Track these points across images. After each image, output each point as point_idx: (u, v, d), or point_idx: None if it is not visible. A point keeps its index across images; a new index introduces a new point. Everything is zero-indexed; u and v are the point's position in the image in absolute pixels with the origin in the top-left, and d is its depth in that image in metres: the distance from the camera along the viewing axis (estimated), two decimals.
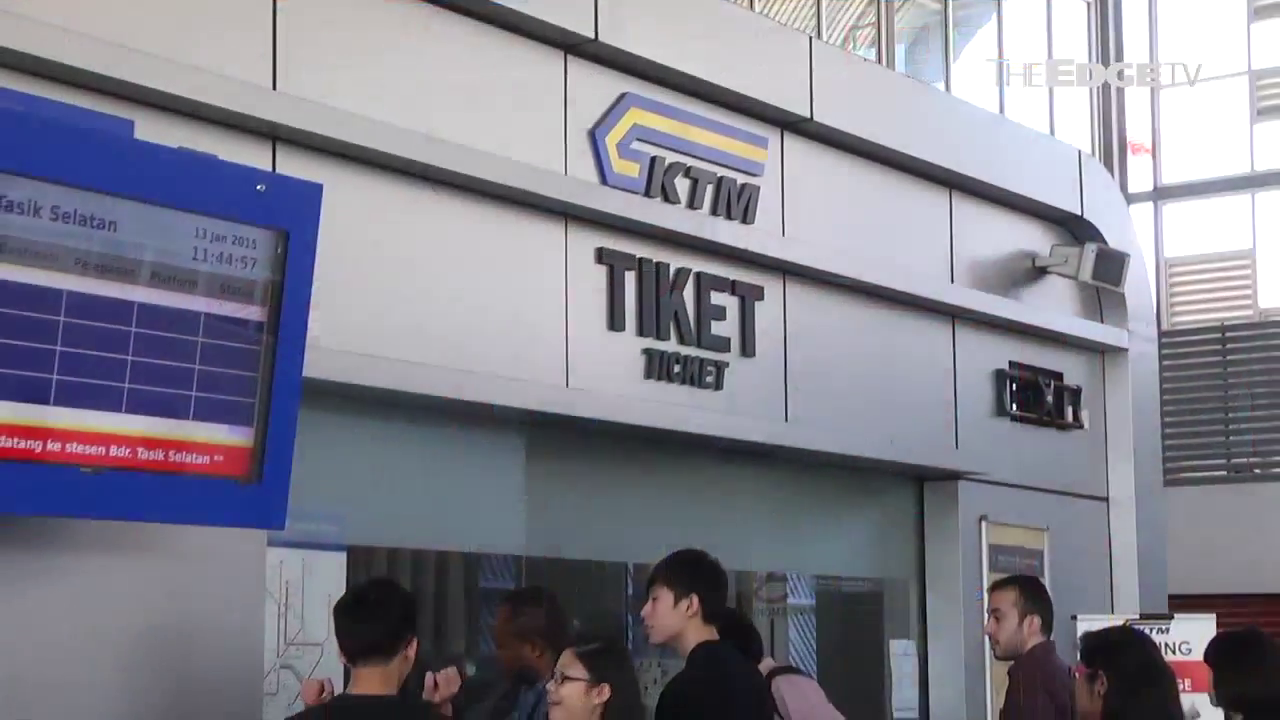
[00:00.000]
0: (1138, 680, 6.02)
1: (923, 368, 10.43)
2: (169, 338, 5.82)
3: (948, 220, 10.69)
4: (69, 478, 5.59)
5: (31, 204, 5.41)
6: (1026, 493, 11.02)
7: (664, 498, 9.19)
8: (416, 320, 7.44)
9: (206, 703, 6.34)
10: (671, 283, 8.71)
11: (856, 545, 10.47)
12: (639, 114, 8.56)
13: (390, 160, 7.26)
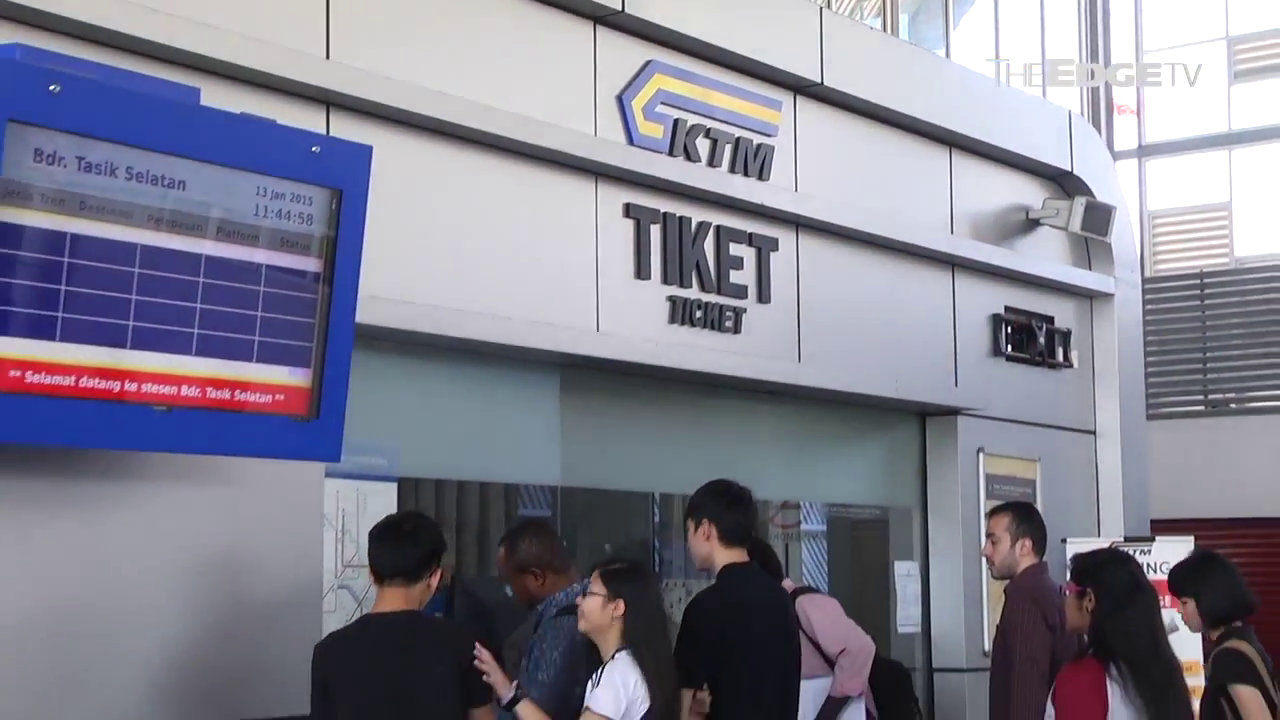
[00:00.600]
0: (1123, 597, 6.03)
1: (924, 312, 10.44)
2: (234, 287, 5.86)
3: (948, 176, 10.68)
4: (144, 415, 5.63)
5: (108, 165, 5.45)
6: (1020, 426, 11.05)
7: (686, 433, 9.23)
8: (459, 270, 7.46)
9: (272, 621, 6.40)
10: (693, 235, 8.72)
11: (864, 476, 10.51)
12: (663, 80, 8.56)
13: (434, 123, 7.27)
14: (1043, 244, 11.43)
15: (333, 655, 5.61)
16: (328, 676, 5.55)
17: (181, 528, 6.21)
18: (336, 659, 5.59)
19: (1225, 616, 7.12)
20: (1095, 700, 5.90)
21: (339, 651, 5.62)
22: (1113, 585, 6.08)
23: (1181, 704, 6.15)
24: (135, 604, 6.06)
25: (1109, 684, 5.94)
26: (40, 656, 5.78)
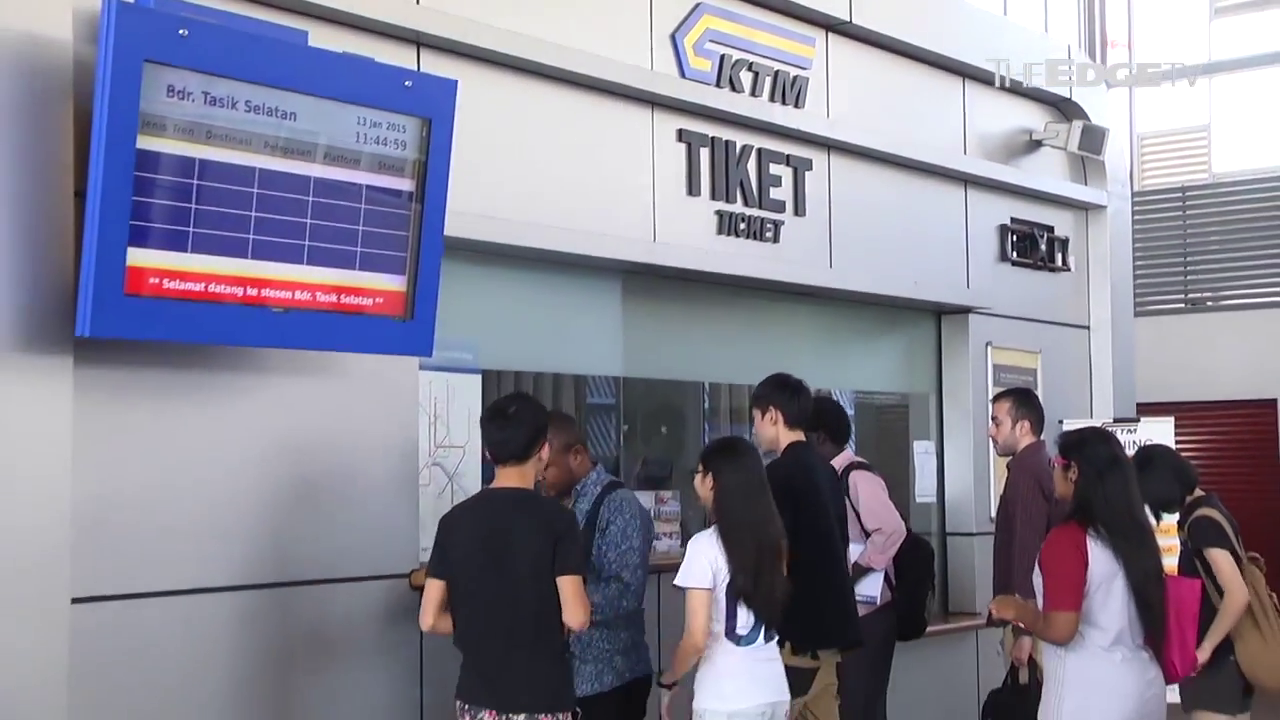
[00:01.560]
0: (1102, 469, 6.08)
1: (940, 223, 10.40)
2: (338, 205, 5.94)
3: (961, 103, 10.62)
4: (264, 316, 5.74)
5: (230, 99, 5.53)
6: (1023, 323, 11.00)
7: (732, 330, 9.23)
8: (533, 189, 7.46)
9: (375, 494, 6.49)
10: (737, 157, 8.69)
11: (887, 367, 10.51)
12: (710, 20, 8.51)
13: (511, 60, 7.27)
14: (1044, 162, 11.36)
15: (451, 525, 5.67)
16: (445, 542, 5.60)
17: (298, 413, 6.30)
18: (453, 528, 5.64)
19: (1174, 499, 7.26)
20: (1078, 557, 5.93)
21: (456, 522, 5.68)
22: (1094, 458, 6.12)
23: (1152, 560, 6.16)
24: (261, 477, 6.16)
25: (1090, 543, 5.98)
26: (188, 515, 5.89)
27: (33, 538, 5.31)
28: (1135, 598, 6.02)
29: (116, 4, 5.18)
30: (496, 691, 5.48)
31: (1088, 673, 5.99)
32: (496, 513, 5.62)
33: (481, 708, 5.47)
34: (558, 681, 5.58)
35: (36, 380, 5.33)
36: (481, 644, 5.53)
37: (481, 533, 5.56)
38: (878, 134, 9.63)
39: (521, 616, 5.49)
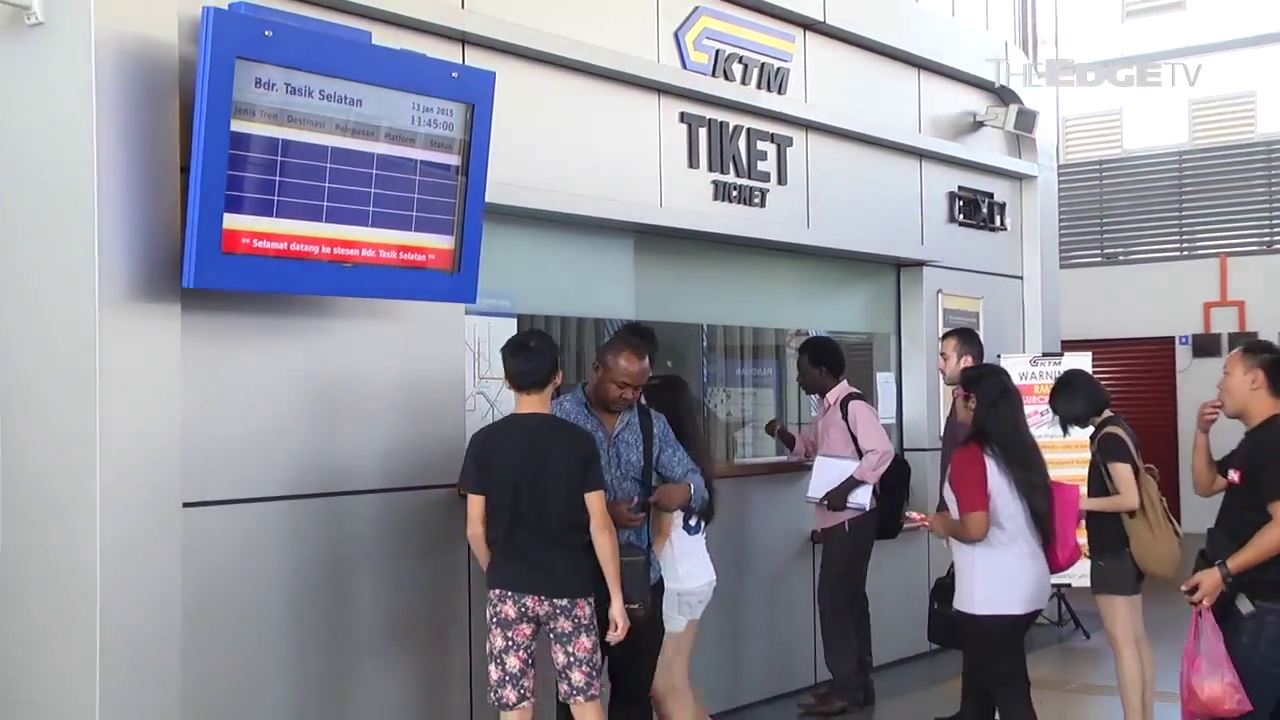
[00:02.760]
0: (996, 399, 6.35)
1: (900, 190, 10.40)
2: (397, 177, 5.97)
3: (916, 90, 10.62)
4: (336, 270, 5.80)
5: (306, 89, 5.57)
6: (968, 274, 11.04)
7: (726, 280, 9.26)
8: (559, 162, 7.47)
9: (429, 418, 6.54)
10: (730, 135, 8.68)
11: (855, 311, 10.53)
12: (707, 20, 8.50)
13: (540, 55, 7.26)
14: (985, 140, 11.37)
15: (488, 443, 5.75)
16: (481, 456, 5.68)
17: (365, 350, 6.34)
18: (490, 446, 5.72)
19: (1086, 415, 7.32)
20: (980, 469, 6.20)
21: (492, 441, 5.75)
22: (989, 390, 6.36)
23: (1038, 474, 6.36)
24: (335, 402, 6.21)
25: (987, 460, 6.22)
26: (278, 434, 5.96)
27: (151, 453, 5.36)
28: (1025, 504, 6.25)
29: (213, 11, 5.23)
30: (540, 582, 5.56)
31: (994, 564, 6.23)
32: (532, 437, 5.65)
33: (525, 594, 5.54)
34: (583, 574, 5.63)
35: (152, 323, 5.38)
36: (526, 545, 5.59)
37: (521, 454, 5.61)
38: (847, 116, 9.62)
39: (556, 523, 5.59)
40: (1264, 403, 5.72)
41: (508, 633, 5.55)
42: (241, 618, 5.76)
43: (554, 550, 5.59)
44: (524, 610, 5.54)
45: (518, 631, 5.55)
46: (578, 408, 6.01)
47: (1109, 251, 20.15)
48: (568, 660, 5.55)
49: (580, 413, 5.98)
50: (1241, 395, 5.79)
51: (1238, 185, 19.52)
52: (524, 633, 5.56)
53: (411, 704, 6.42)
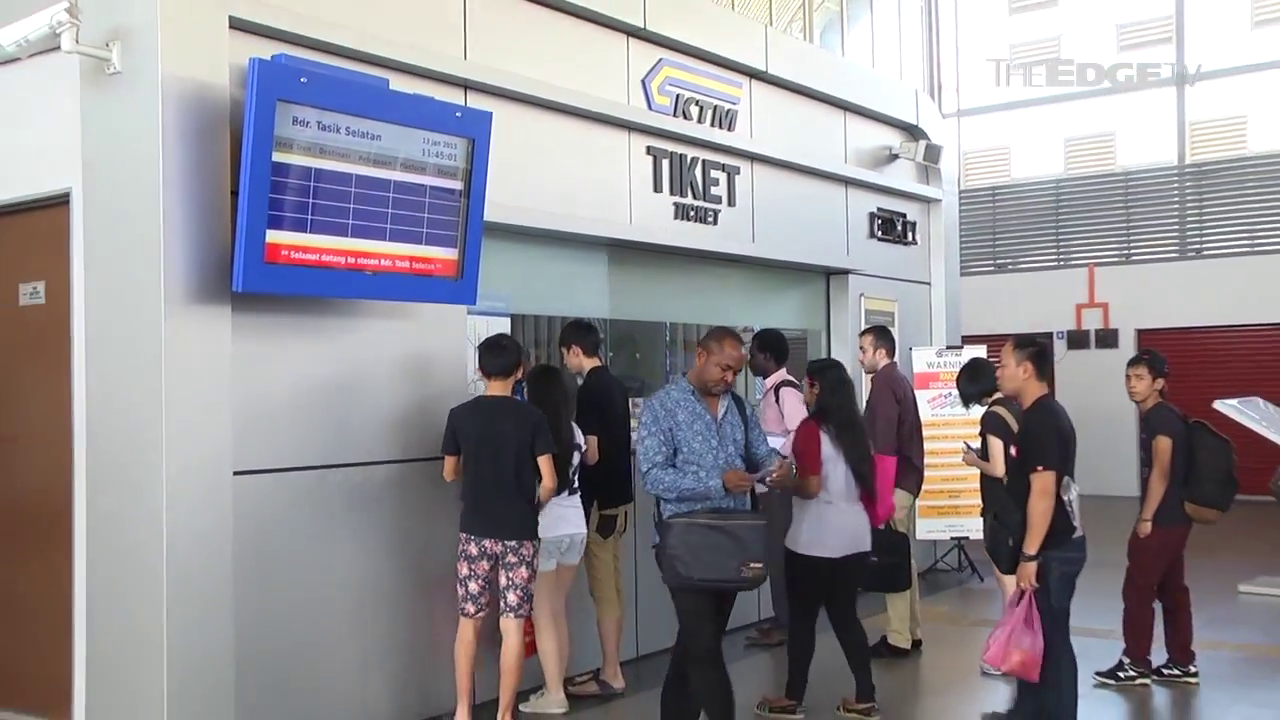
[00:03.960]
0: (835, 387, 6.60)
1: (829, 211, 10.38)
2: (410, 199, 5.98)
3: (843, 128, 10.60)
4: (359, 277, 5.82)
5: (335, 126, 5.60)
6: (886, 280, 11.03)
7: (685, 285, 9.22)
8: (545, 187, 7.43)
9: (437, 400, 6.49)
10: (689, 165, 8.66)
11: (791, 310, 10.51)
12: (669, 69, 8.46)
13: (530, 98, 7.22)
14: (899, 170, 11.34)
15: (461, 417, 6.09)
16: (456, 428, 6.05)
17: (384, 344, 6.32)
18: (462, 420, 6.08)
19: (979, 395, 7.36)
20: (816, 443, 6.44)
21: (464, 416, 6.11)
22: (830, 380, 6.62)
23: (862, 448, 6.61)
24: (360, 387, 6.20)
25: (823, 435, 6.47)
26: (311, 414, 5.95)
27: (206, 430, 5.37)
28: (851, 471, 6.48)
29: (259, 61, 5.26)
30: (496, 528, 6.03)
31: (818, 514, 6.45)
32: (494, 414, 6.07)
33: (485, 537, 6.02)
34: (530, 521, 6.11)
35: (206, 321, 5.38)
36: (486, 500, 6.01)
37: (485, 426, 6.02)
38: (785, 149, 9.61)
39: (510, 481, 6.02)
40: (1034, 386, 5.89)
41: (471, 565, 6.03)
42: (281, 565, 5.76)
43: (507, 503, 6.03)
44: (483, 549, 6.02)
45: (478, 565, 6.03)
46: (685, 395, 5.48)
47: (1000, 262, 20.27)
48: (508, 584, 6.06)
49: (688, 399, 5.45)
50: (1015, 381, 5.95)
51: (1102, 208, 19.67)
52: (483, 566, 6.04)
53: (418, 636, 6.42)
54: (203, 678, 5.31)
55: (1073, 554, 5.76)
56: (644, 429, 5.39)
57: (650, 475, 5.32)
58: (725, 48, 8.96)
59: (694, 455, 5.33)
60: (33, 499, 6.02)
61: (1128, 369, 7.39)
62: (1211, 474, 7.07)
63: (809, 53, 11.52)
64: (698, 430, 5.37)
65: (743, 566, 5.17)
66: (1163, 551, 7.13)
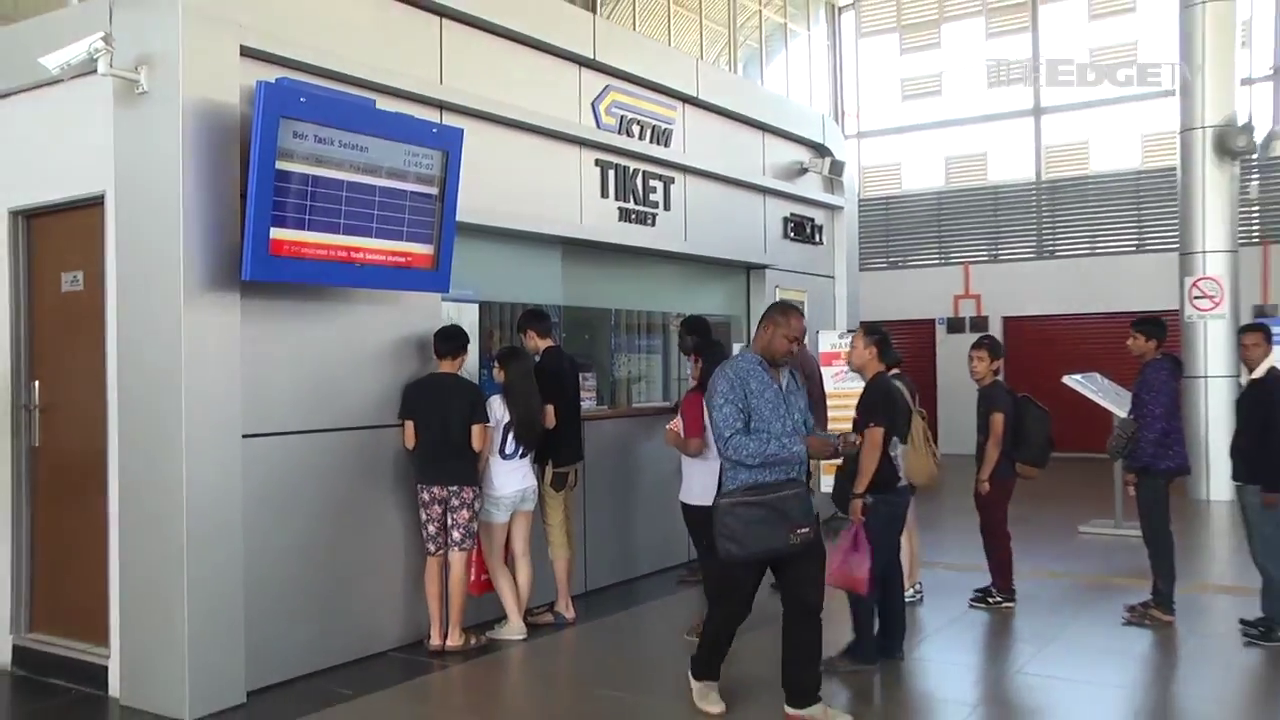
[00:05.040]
0: (716, 361, 6.35)
1: (751, 215, 10.40)
2: (393, 202, 5.95)
3: (762, 146, 10.61)
4: (349, 268, 5.79)
5: (330, 139, 5.58)
6: (797, 274, 11.04)
7: (627, 277, 9.19)
8: (509, 192, 7.40)
9: (414, 374, 6.48)
10: (631, 175, 8.64)
11: (717, 299, 10.48)
12: (615, 94, 8.45)
13: (496, 118, 7.20)
14: (809, 181, 11.37)
15: (415, 391, 6.30)
16: (409, 400, 6.28)
17: (372, 325, 6.30)
18: (417, 392, 6.29)
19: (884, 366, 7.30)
20: (699, 410, 6.28)
21: (418, 389, 6.30)
22: (711, 356, 6.54)
23: None
24: (353, 361, 6.17)
25: (704, 403, 6.22)
26: (308, 385, 5.91)
27: (219, 399, 5.35)
28: None
29: (265, 84, 5.22)
30: (442, 477, 6.25)
31: (706, 471, 6.29)
32: (443, 388, 6.28)
33: (434, 484, 6.24)
34: (469, 471, 6.30)
35: (219, 306, 5.35)
36: (436, 455, 6.22)
37: (435, 397, 6.24)
38: (713, 163, 9.60)
39: (456, 440, 6.24)
40: (875, 365, 6.14)
41: (427, 510, 6.26)
42: (283, 512, 5.75)
43: (451, 457, 6.23)
44: (434, 495, 6.25)
45: (432, 510, 6.25)
46: (753, 365, 4.97)
47: (892, 260, 20.41)
48: (452, 523, 6.27)
49: (756, 369, 4.95)
50: (861, 359, 6.18)
51: (975, 216, 19.90)
52: (436, 510, 6.26)
53: (400, 571, 6.43)
54: (217, 605, 5.31)
55: (896, 498, 6.06)
56: (719, 398, 4.88)
57: (733, 442, 4.79)
58: (662, 76, 8.96)
59: (763, 423, 4.85)
60: (72, 457, 5.98)
61: (970, 352, 7.47)
62: (1036, 439, 7.34)
63: (733, 82, 11.57)
64: (768, 399, 4.90)
65: (790, 534, 4.76)
66: (1002, 500, 7.36)
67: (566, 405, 7.06)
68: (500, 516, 6.55)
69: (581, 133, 8.04)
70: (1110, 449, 7.74)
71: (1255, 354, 6.63)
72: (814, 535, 4.87)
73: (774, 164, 10.81)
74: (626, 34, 9.63)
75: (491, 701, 5.68)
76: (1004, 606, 7.32)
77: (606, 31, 8.39)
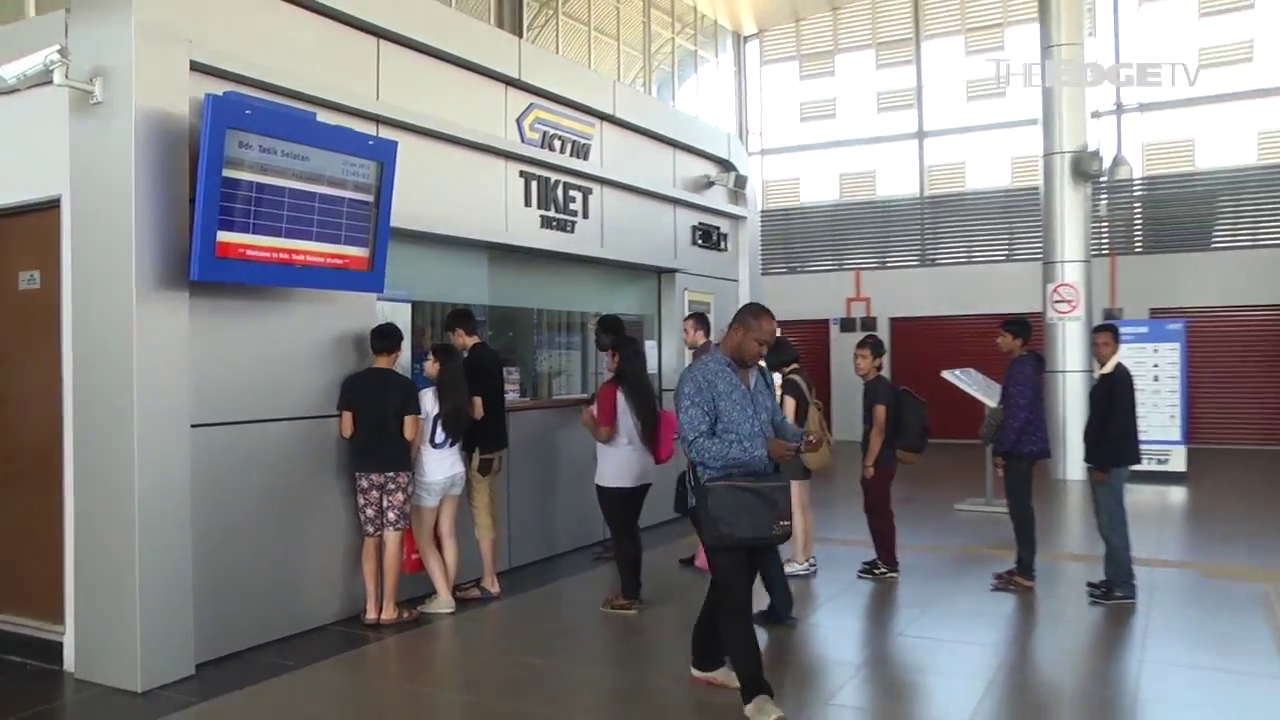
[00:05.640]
0: (631, 357, 6.74)
1: (661, 223, 10.44)
2: (332, 208, 5.92)
3: (672, 160, 10.68)
4: (291, 269, 5.75)
5: (273, 149, 5.54)
6: (704, 278, 11.12)
7: (549, 280, 9.20)
8: (440, 201, 7.40)
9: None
10: (552, 186, 8.66)
11: (632, 300, 10.53)
12: (538, 111, 8.46)
13: (428, 131, 7.19)
14: (715, 193, 11.46)
15: (354, 383, 6.28)
16: (351, 392, 6.25)
17: (312, 323, 6.25)
18: (355, 385, 6.27)
19: (781, 364, 7.40)
20: (613, 400, 6.56)
21: (356, 382, 6.29)
22: (627, 352, 6.73)
23: (650, 404, 6.70)
24: (294, 356, 6.12)
25: (619, 394, 6.57)
26: (253, 378, 5.85)
27: (169, 391, 5.28)
28: (639, 422, 6.63)
29: (212, 97, 5.17)
30: (379, 465, 6.25)
31: (617, 457, 6.61)
32: (379, 380, 6.26)
33: (372, 472, 6.24)
34: (403, 458, 6.30)
35: (169, 304, 5.27)
36: (372, 444, 6.22)
37: (372, 390, 6.23)
38: (628, 176, 9.63)
39: (391, 430, 6.24)
40: None
41: (365, 495, 6.26)
42: (230, 499, 5.70)
43: (387, 446, 6.23)
44: (371, 481, 6.24)
45: (369, 495, 6.26)
46: (722, 367, 4.69)
47: (791, 265, 20.69)
48: (388, 505, 6.28)
49: (725, 371, 4.68)
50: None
51: (866, 227, 20.28)
52: (373, 495, 6.26)
53: (340, 551, 6.41)
54: (167, 584, 5.25)
55: None
56: (686, 400, 4.60)
57: (696, 444, 4.54)
58: (582, 96, 8.99)
59: (732, 424, 4.58)
60: (29, 445, 5.85)
61: (855, 350, 7.65)
62: (914, 428, 7.53)
63: (647, 102, 11.61)
64: (735, 400, 4.62)
65: (774, 524, 4.53)
66: (884, 482, 7.56)
67: (492, 397, 7.09)
68: (430, 501, 6.56)
69: (507, 146, 8.05)
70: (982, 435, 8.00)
71: (1105, 351, 6.92)
72: (791, 530, 4.67)
73: (684, 177, 10.88)
74: (549, 56, 9.65)
75: (423, 670, 5.70)
76: (888, 577, 7.51)
77: (531, 54, 8.41)
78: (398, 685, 5.33)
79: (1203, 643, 5.91)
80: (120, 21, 5.15)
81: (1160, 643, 5.88)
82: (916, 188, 20.45)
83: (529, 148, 8.31)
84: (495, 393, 7.16)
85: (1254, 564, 7.98)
